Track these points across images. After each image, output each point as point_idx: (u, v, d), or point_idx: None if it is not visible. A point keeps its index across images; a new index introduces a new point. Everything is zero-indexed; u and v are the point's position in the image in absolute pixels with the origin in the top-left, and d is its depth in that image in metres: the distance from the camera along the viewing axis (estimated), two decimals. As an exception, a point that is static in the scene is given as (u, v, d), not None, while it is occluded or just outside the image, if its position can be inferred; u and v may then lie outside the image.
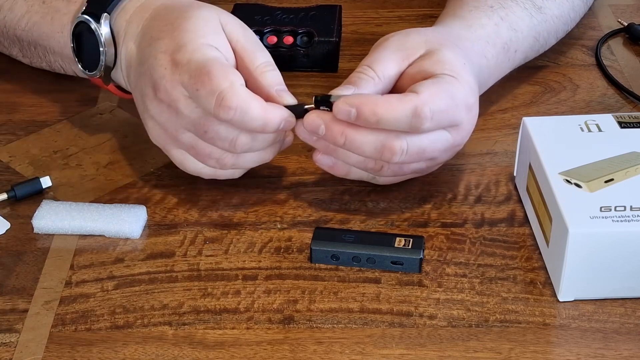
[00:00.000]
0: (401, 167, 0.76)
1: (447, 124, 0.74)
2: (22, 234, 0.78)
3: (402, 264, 0.74)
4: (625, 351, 0.68)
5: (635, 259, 0.70)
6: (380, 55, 0.77)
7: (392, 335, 0.69)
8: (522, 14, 0.88)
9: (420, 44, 0.78)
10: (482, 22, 0.84)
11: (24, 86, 0.94)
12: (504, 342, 0.68)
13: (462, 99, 0.75)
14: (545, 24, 0.90)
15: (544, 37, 0.91)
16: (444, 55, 0.76)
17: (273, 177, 0.83)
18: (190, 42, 0.74)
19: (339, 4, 1.00)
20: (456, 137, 0.76)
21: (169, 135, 0.76)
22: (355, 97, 0.73)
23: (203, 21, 0.75)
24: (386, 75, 0.76)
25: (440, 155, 0.76)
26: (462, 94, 0.75)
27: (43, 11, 0.85)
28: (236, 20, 0.77)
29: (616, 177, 0.72)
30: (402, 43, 0.78)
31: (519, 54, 0.88)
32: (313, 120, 0.74)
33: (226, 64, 0.74)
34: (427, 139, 0.74)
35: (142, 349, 0.68)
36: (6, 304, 0.72)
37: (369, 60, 0.77)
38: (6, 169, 0.84)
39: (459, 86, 0.75)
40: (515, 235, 0.77)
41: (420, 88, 0.73)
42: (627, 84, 0.93)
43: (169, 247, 0.76)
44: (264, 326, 0.70)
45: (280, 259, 0.75)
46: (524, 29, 0.87)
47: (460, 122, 0.75)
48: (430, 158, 0.76)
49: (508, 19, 0.86)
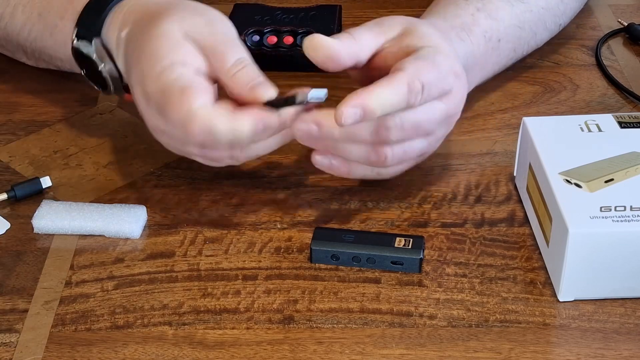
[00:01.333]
0: (405, 151, 0.75)
1: (438, 94, 0.74)
2: (22, 234, 0.78)
3: (402, 264, 0.74)
4: (625, 351, 0.68)
5: (635, 259, 0.70)
6: (358, 28, 0.77)
7: (392, 335, 0.69)
8: (501, 4, 0.88)
9: (395, 23, 0.78)
10: (456, 13, 0.85)
11: (24, 86, 0.94)
12: (504, 342, 0.68)
13: (447, 66, 0.75)
14: (530, 14, 0.90)
15: (530, 27, 0.90)
16: (421, 30, 0.77)
17: (273, 177, 0.83)
18: (152, 68, 0.73)
19: (339, 4, 1.01)
20: (450, 105, 0.75)
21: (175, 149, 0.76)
22: (353, 98, 0.71)
23: (163, 38, 0.73)
24: (363, 40, 0.76)
25: (437, 128, 0.76)
26: (446, 61, 0.75)
27: (41, 24, 0.85)
28: (202, 20, 0.75)
29: (616, 177, 0.72)
30: (377, 22, 0.78)
31: (505, 43, 0.88)
32: (303, 127, 0.73)
33: (186, 84, 0.71)
34: (421, 112, 0.73)
35: (142, 349, 0.68)
36: (6, 304, 0.72)
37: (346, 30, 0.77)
38: (6, 169, 0.84)
39: (442, 55, 0.75)
40: (515, 235, 0.77)
41: (404, 64, 0.73)
42: (627, 84, 0.93)
43: (169, 247, 0.76)
44: (264, 326, 0.70)
45: (280, 259, 0.75)
46: (505, 17, 0.87)
47: (451, 88, 0.75)
48: (427, 132, 0.75)
49: (485, 8, 0.86)
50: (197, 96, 0.71)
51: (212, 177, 0.83)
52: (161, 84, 0.72)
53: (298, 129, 0.73)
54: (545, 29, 0.93)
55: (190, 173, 0.83)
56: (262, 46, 0.95)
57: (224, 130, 0.71)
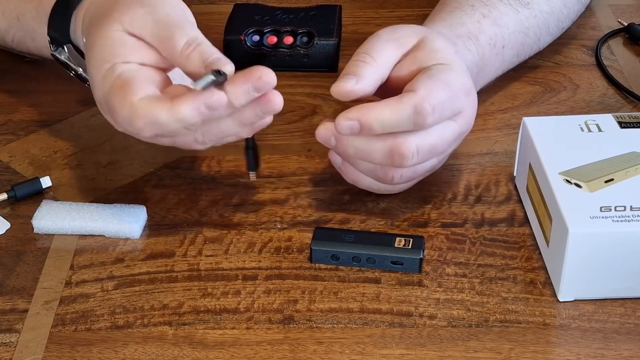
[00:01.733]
0: (415, 170, 0.76)
1: (450, 114, 0.74)
2: (22, 234, 0.78)
3: (402, 264, 0.74)
4: (625, 351, 0.68)
5: (635, 259, 0.70)
6: (375, 44, 0.77)
7: (392, 335, 0.69)
8: (506, 10, 0.88)
9: (410, 33, 0.78)
10: (462, 21, 0.85)
11: (24, 86, 0.94)
12: (504, 342, 0.68)
13: (459, 86, 0.75)
14: (535, 20, 0.90)
15: (534, 33, 0.90)
16: (435, 43, 0.77)
17: (273, 177, 0.83)
18: (98, 73, 0.72)
19: (339, 4, 1.00)
20: (462, 124, 0.76)
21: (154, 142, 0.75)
22: (353, 110, 0.72)
23: (104, 41, 0.72)
24: (384, 60, 0.76)
25: (449, 146, 0.76)
26: (458, 80, 0.75)
27: (23, 30, 0.85)
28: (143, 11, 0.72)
29: (616, 177, 0.72)
30: (392, 33, 0.78)
31: (509, 49, 0.88)
32: (324, 134, 0.74)
33: (127, 80, 0.70)
34: (436, 134, 0.74)
35: (142, 349, 0.68)
36: (6, 304, 0.72)
37: (364, 48, 0.77)
38: (6, 169, 0.84)
39: (454, 73, 0.75)
40: (515, 235, 0.77)
41: (416, 85, 0.73)
42: (627, 84, 0.93)
43: (169, 247, 0.76)
44: (264, 326, 0.70)
45: (280, 259, 0.75)
46: (510, 24, 0.87)
47: (463, 108, 0.75)
48: (441, 152, 0.76)
49: (491, 15, 0.86)
50: (137, 90, 0.70)
51: (212, 177, 0.83)
52: (106, 87, 0.71)
53: (318, 135, 0.74)
54: (549, 33, 0.93)
55: (190, 173, 0.83)
56: (262, 46, 0.95)
57: (167, 119, 0.69)
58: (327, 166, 0.82)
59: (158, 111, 0.69)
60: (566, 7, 0.94)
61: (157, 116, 0.69)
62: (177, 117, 0.69)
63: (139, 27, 0.72)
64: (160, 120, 0.69)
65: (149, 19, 0.72)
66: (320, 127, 0.75)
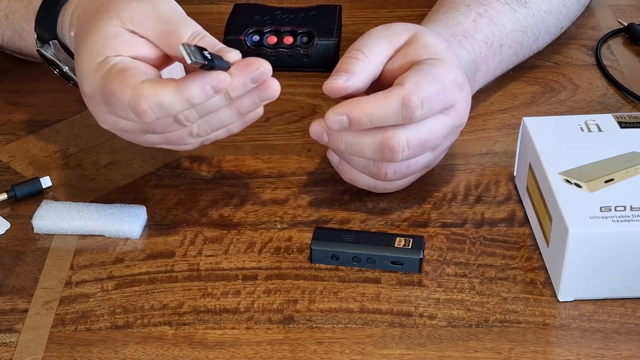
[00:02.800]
0: (409, 166, 0.76)
1: (441, 107, 0.74)
2: (22, 234, 0.78)
3: (402, 264, 0.74)
4: (625, 351, 0.68)
5: (635, 259, 0.70)
6: (367, 41, 0.77)
7: (392, 335, 0.69)
8: (503, 9, 0.88)
9: (403, 30, 0.78)
10: (458, 20, 0.85)
11: (24, 86, 0.94)
12: (504, 342, 0.68)
13: (450, 79, 0.75)
14: (532, 18, 0.90)
15: (533, 32, 0.90)
16: (427, 39, 0.77)
17: (273, 177, 0.83)
18: (89, 67, 0.71)
19: (339, 4, 1.00)
20: (455, 118, 0.76)
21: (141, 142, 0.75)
22: (342, 105, 0.73)
23: (97, 35, 0.71)
24: (376, 57, 0.76)
25: (443, 141, 0.76)
26: (449, 74, 0.75)
27: (12, 28, 0.85)
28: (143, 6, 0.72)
29: (616, 177, 0.72)
30: (384, 31, 0.78)
31: (507, 48, 0.88)
32: (317, 130, 0.75)
33: (123, 67, 0.69)
34: (427, 128, 0.74)
35: (142, 349, 0.68)
36: (6, 304, 0.72)
37: (356, 45, 0.77)
38: (6, 169, 0.84)
39: (444, 67, 0.75)
40: (515, 235, 0.77)
41: (405, 79, 0.73)
42: (627, 84, 0.93)
43: (169, 247, 0.76)
44: (264, 326, 0.70)
45: (280, 259, 0.75)
46: (507, 23, 0.87)
47: (454, 101, 0.75)
48: (433, 147, 0.76)
49: (487, 14, 0.86)
50: (139, 73, 0.69)
51: (212, 177, 0.83)
52: (98, 78, 0.70)
53: (311, 131, 0.75)
54: (548, 32, 0.93)
55: (190, 173, 0.83)
56: (262, 46, 0.95)
57: (173, 100, 0.68)
58: (327, 166, 0.82)
59: (164, 92, 0.68)
60: (565, 7, 0.94)
61: (163, 97, 0.68)
62: (184, 97, 0.68)
63: (138, 22, 0.72)
64: (166, 102, 0.68)
65: (149, 14, 0.72)
66: (313, 123, 0.75)
